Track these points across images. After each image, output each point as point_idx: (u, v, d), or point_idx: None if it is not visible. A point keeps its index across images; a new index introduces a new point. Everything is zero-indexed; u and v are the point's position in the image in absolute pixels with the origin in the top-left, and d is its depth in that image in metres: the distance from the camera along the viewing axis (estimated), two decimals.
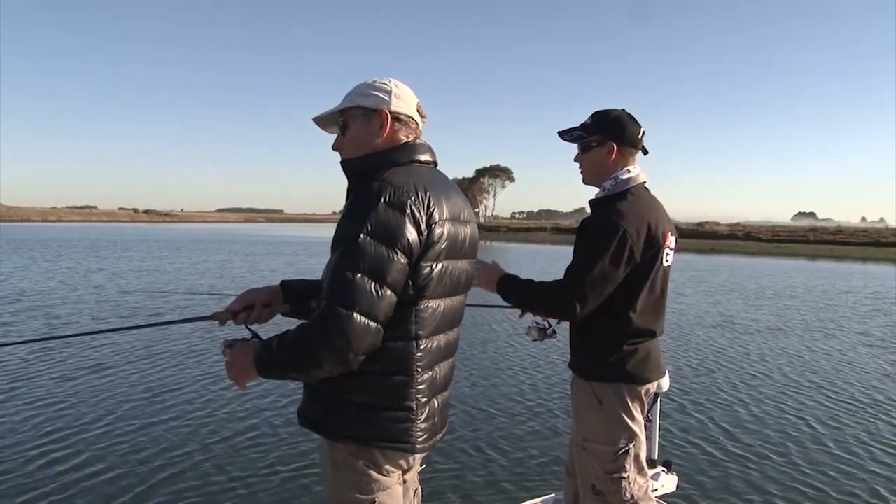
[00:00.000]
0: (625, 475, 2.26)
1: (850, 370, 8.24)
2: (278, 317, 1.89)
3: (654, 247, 2.23)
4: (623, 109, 2.36)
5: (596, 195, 2.37)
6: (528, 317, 2.51)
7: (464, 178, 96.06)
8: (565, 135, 2.41)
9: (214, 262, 24.63)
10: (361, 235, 1.46)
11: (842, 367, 8.39)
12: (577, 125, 2.38)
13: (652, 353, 2.32)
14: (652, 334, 2.32)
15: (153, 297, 13.80)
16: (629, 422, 2.26)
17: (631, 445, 2.27)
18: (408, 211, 1.50)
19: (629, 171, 2.32)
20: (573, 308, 2.15)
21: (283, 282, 1.92)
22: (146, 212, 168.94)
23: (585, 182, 2.43)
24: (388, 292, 1.48)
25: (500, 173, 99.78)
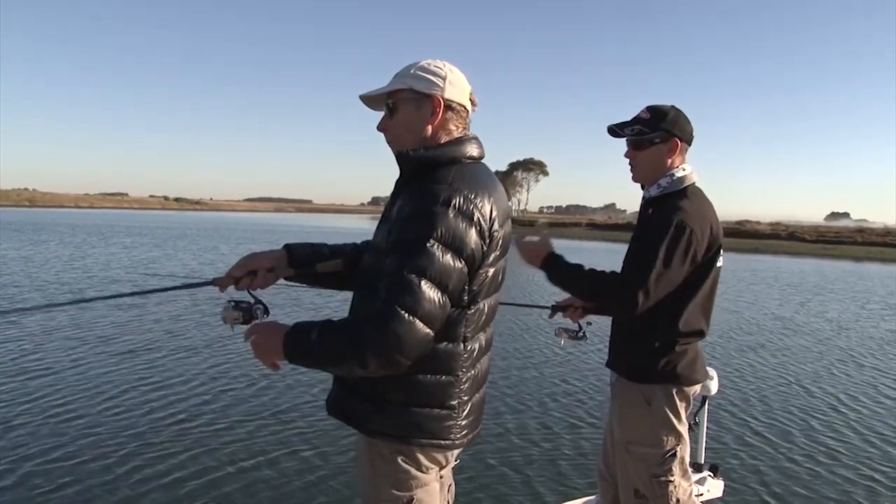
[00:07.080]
0: (671, 478, 2.21)
1: None
2: (282, 284, 1.83)
3: (713, 247, 2.19)
4: (673, 106, 2.26)
5: (652, 192, 2.26)
6: (559, 317, 2.48)
7: (496, 172, 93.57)
8: (624, 129, 2.25)
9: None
10: (431, 241, 1.42)
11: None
12: (632, 119, 2.26)
13: (700, 354, 2.29)
14: (701, 335, 2.26)
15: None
16: (676, 423, 2.21)
17: (677, 448, 2.21)
18: (475, 219, 1.48)
19: (684, 170, 2.25)
20: (635, 303, 2.06)
21: (286, 245, 1.84)
22: (177, 200, 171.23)
23: (636, 180, 2.32)
24: (447, 301, 1.45)
25: (533, 167, 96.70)
